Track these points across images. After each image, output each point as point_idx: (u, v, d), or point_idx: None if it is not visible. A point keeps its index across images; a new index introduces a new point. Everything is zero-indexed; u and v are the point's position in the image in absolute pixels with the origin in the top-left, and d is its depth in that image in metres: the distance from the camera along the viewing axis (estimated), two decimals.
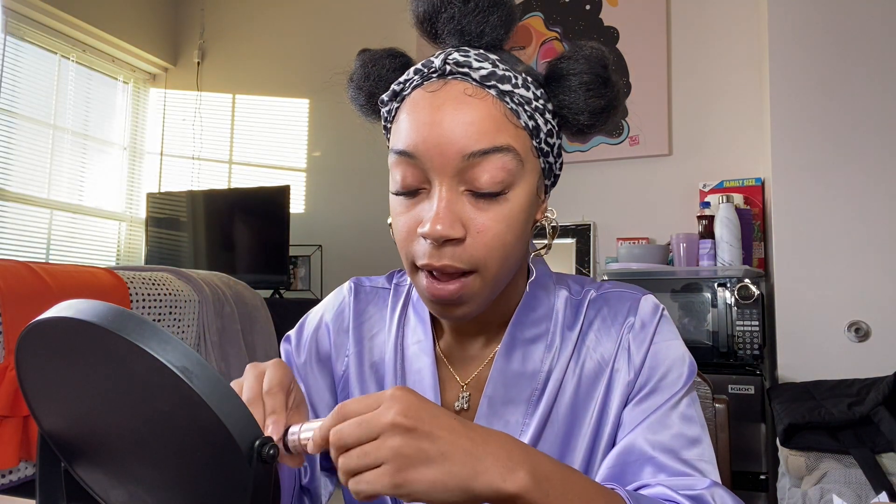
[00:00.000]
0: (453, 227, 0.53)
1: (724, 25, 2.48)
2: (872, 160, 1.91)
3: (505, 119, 0.55)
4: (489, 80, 0.55)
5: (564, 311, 0.65)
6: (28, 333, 0.44)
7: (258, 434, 0.40)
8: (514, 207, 0.56)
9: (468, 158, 0.53)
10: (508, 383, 0.63)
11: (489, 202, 0.55)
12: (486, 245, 0.55)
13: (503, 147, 0.54)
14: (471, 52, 0.56)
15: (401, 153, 0.56)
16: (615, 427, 0.62)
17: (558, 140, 0.60)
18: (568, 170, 2.67)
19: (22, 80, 2.89)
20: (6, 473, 1.46)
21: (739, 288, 1.98)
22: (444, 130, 0.53)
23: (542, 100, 0.57)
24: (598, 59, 0.59)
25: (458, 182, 0.54)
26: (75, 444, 0.48)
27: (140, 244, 3.43)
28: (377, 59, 0.63)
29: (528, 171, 0.57)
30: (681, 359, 0.63)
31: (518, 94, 0.55)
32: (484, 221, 0.55)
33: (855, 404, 1.52)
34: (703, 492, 0.54)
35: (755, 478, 1.89)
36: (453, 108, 0.54)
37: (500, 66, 0.56)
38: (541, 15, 2.76)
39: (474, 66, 0.55)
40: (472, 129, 0.53)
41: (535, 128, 0.57)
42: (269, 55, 3.36)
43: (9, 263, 1.59)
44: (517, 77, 0.56)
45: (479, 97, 0.54)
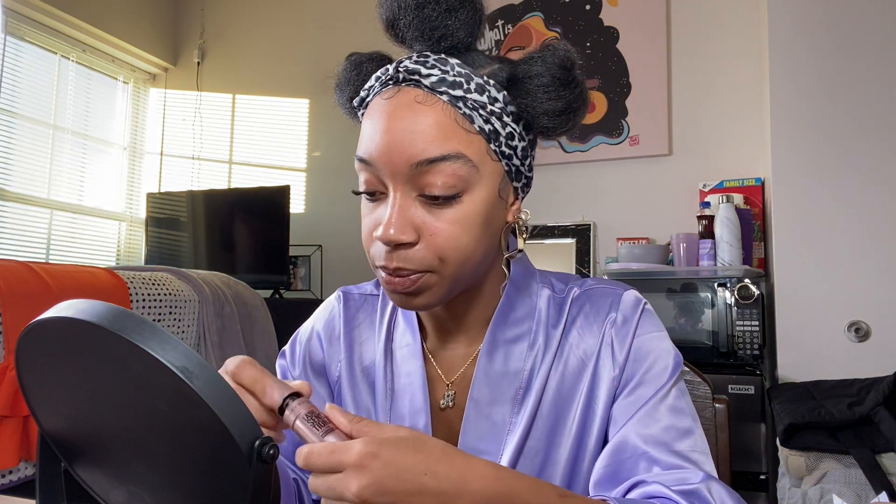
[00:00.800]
0: (404, 232, 0.55)
1: (724, 25, 2.48)
2: (873, 160, 1.91)
3: (455, 125, 0.55)
4: (439, 86, 0.55)
5: (548, 310, 0.66)
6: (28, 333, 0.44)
7: (258, 434, 0.40)
8: (469, 211, 0.56)
9: (417, 167, 0.54)
10: (492, 384, 0.63)
11: (442, 206, 0.56)
12: (439, 247, 0.56)
13: (452, 155, 0.54)
14: (430, 57, 0.57)
15: (359, 159, 0.58)
16: (604, 422, 0.62)
17: (523, 143, 0.60)
18: (568, 170, 2.68)
19: (22, 80, 2.89)
20: (6, 473, 1.46)
21: (739, 288, 1.98)
22: (393, 138, 0.55)
23: (501, 103, 0.57)
24: (559, 61, 0.58)
25: (411, 188, 0.56)
26: (75, 444, 0.48)
27: (140, 244, 3.43)
28: (359, 64, 0.64)
29: (485, 174, 0.57)
30: (665, 351, 0.63)
31: (471, 99, 0.56)
32: (436, 225, 0.56)
33: (855, 404, 1.52)
34: (699, 486, 0.54)
35: (755, 478, 1.89)
36: (402, 115, 0.55)
37: (456, 70, 0.56)
38: (541, 15, 2.76)
39: (423, 72, 0.55)
40: (419, 137, 0.54)
41: (493, 132, 0.57)
42: (269, 55, 3.36)
43: (9, 263, 1.59)
44: (471, 82, 0.56)
45: (429, 104, 0.55)
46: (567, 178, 2.68)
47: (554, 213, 2.67)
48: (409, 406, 0.65)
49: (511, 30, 2.80)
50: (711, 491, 0.54)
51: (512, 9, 2.81)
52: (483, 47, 2.84)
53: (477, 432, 0.63)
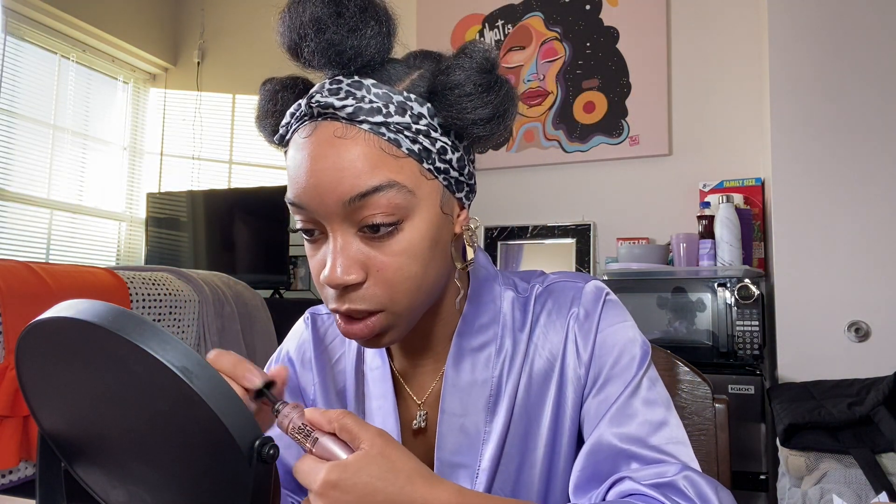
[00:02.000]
0: (349, 273, 0.52)
1: (724, 25, 2.48)
2: (873, 160, 1.91)
3: (382, 153, 0.52)
4: (357, 115, 0.51)
5: (512, 313, 0.65)
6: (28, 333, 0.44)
7: (258, 434, 0.40)
8: (414, 237, 0.54)
9: (349, 203, 0.51)
10: (462, 394, 0.62)
11: (384, 238, 0.53)
12: (389, 281, 0.53)
13: (384, 185, 0.51)
14: (343, 83, 0.53)
15: (290, 203, 0.54)
16: (575, 421, 0.62)
17: (458, 153, 0.57)
18: (568, 170, 2.68)
19: (22, 80, 2.89)
20: (6, 473, 1.46)
21: (739, 288, 1.98)
22: (319, 180, 0.51)
23: (427, 118, 0.54)
24: (478, 66, 0.54)
25: (349, 224, 0.53)
26: (75, 444, 0.48)
27: (140, 244, 3.43)
28: (274, 94, 0.60)
29: (423, 195, 0.54)
30: (631, 341, 0.62)
31: (393, 123, 0.52)
32: (382, 259, 0.53)
33: (855, 404, 1.52)
34: (674, 478, 0.54)
35: (755, 478, 1.89)
36: (324, 154, 0.52)
37: (374, 93, 0.52)
38: (541, 15, 2.76)
39: (337, 105, 0.52)
40: (346, 173, 0.51)
41: (423, 150, 0.54)
42: (269, 55, 3.36)
43: (9, 263, 1.59)
44: (390, 104, 0.52)
45: (350, 137, 0.51)
46: (567, 178, 2.68)
47: (554, 213, 2.67)
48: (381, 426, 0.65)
49: (511, 30, 2.80)
50: (688, 481, 0.54)
51: (512, 9, 2.81)
52: None
53: (452, 446, 0.62)
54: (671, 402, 0.61)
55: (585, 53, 2.67)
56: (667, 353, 0.83)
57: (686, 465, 0.56)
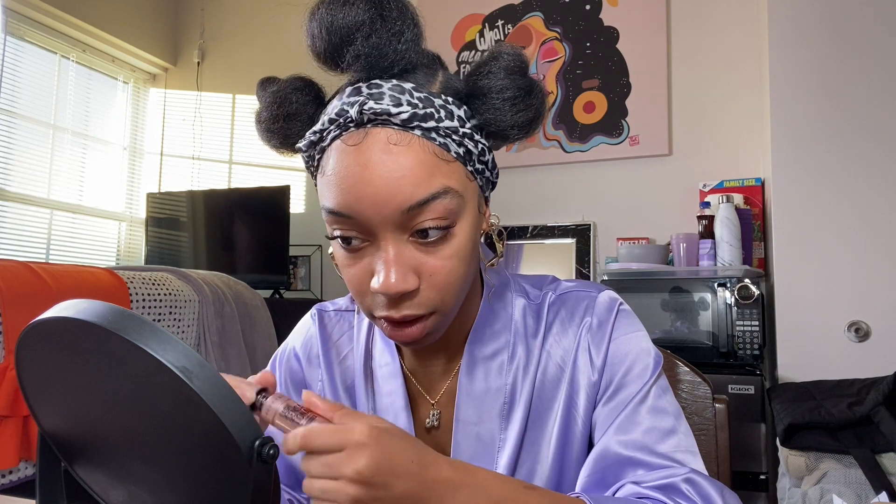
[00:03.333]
0: (407, 280, 0.52)
1: (724, 25, 2.48)
2: (872, 160, 1.91)
3: (436, 158, 0.52)
4: (411, 122, 0.51)
5: (524, 320, 0.65)
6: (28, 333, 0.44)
7: (258, 434, 0.40)
8: (462, 240, 0.54)
9: (408, 211, 0.51)
10: (476, 402, 0.63)
11: (436, 243, 0.53)
12: (441, 285, 0.54)
13: (441, 191, 0.52)
14: (384, 87, 0.52)
15: (334, 213, 0.53)
16: (587, 428, 0.62)
17: (491, 154, 0.59)
18: (568, 170, 2.68)
19: (22, 80, 2.89)
20: (6, 473, 1.46)
21: (739, 288, 1.98)
22: (377, 189, 0.50)
23: (466, 120, 0.55)
24: (518, 69, 0.56)
25: (402, 231, 0.52)
26: (75, 444, 0.48)
27: (140, 244, 3.43)
28: (284, 98, 0.57)
29: (468, 199, 0.55)
30: (644, 351, 0.62)
31: (443, 128, 0.52)
32: (435, 263, 0.53)
33: (855, 404, 1.52)
34: (675, 480, 0.54)
35: (755, 478, 1.89)
36: (381, 161, 0.51)
37: (417, 97, 0.52)
38: (541, 15, 2.76)
39: (394, 111, 0.51)
40: (405, 182, 0.50)
41: (467, 153, 0.55)
42: (269, 55, 3.36)
43: (9, 263, 1.59)
44: (438, 109, 0.53)
45: (405, 143, 0.51)
46: (567, 178, 2.68)
47: (554, 213, 2.67)
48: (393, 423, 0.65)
49: (511, 30, 2.80)
50: (690, 483, 0.54)
51: (512, 9, 2.81)
52: (483, 48, 2.85)
53: (468, 454, 0.63)
54: (682, 412, 0.61)
55: (585, 53, 2.67)
56: (667, 353, 0.83)
57: (693, 469, 0.56)
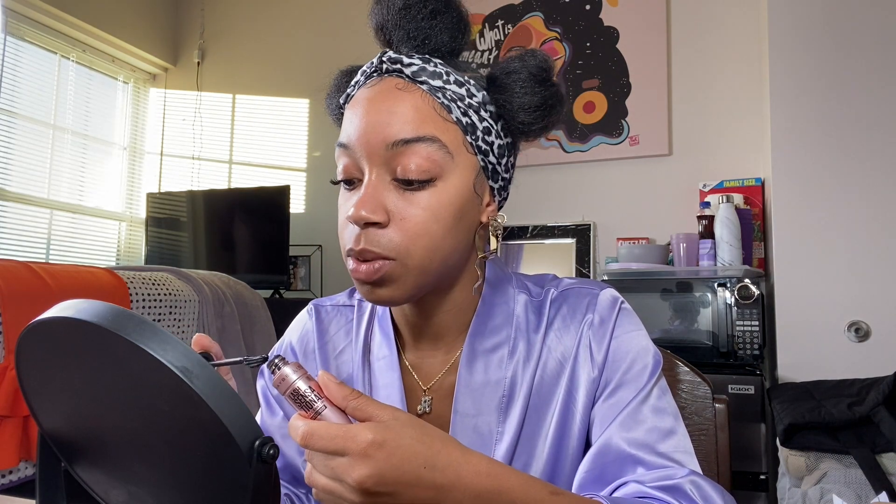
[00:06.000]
0: (375, 212, 0.55)
1: (724, 25, 2.48)
2: (873, 160, 1.91)
3: (433, 112, 0.57)
4: (419, 75, 0.58)
5: (526, 316, 0.66)
6: (28, 333, 0.44)
7: (258, 434, 0.40)
8: (442, 198, 0.57)
9: (392, 147, 0.55)
10: (475, 395, 0.63)
11: (415, 191, 0.56)
12: (408, 232, 0.56)
13: (427, 137, 0.56)
14: (414, 56, 0.59)
15: (339, 145, 0.59)
16: (584, 424, 0.62)
17: (500, 141, 0.61)
18: (568, 170, 2.68)
19: (22, 80, 2.89)
20: (6, 473, 1.46)
21: (739, 288, 1.98)
22: (371, 120, 0.56)
23: (480, 99, 0.60)
24: (536, 61, 0.61)
25: (386, 171, 0.57)
26: (75, 444, 0.48)
27: (140, 244, 3.43)
28: (350, 73, 0.66)
29: (459, 164, 0.58)
30: (644, 349, 0.63)
31: (450, 91, 0.58)
32: (408, 209, 0.56)
33: (855, 404, 1.52)
34: (680, 481, 0.55)
35: (755, 478, 1.89)
36: (382, 99, 0.57)
37: (437, 64, 0.59)
38: (541, 15, 2.76)
39: (405, 62, 0.58)
40: (396, 118, 0.56)
41: (470, 124, 0.59)
42: (269, 55, 3.36)
43: (9, 263, 1.59)
44: (451, 76, 0.59)
45: (409, 91, 0.57)
46: (567, 178, 2.68)
47: (554, 213, 2.67)
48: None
49: (511, 30, 2.80)
50: (694, 485, 0.55)
51: (512, 9, 2.81)
52: (483, 47, 2.85)
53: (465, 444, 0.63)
54: (679, 413, 0.62)
55: (585, 53, 2.67)
56: (667, 353, 0.83)
57: (693, 471, 0.56)
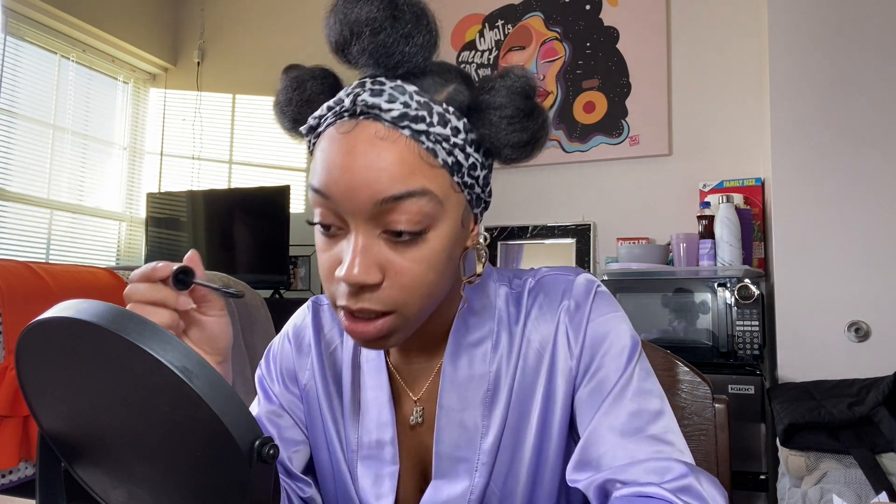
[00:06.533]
0: (369, 273, 0.52)
1: (724, 25, 2.48)
2: (873, 160, 1.91)
3: (420, 161, 0.52)
4: (401, 121, 0.52)
5: (507, 308, 0.65)
6: (28, 333, 0.44)
7: (258, 434, 0.40)
8: (435, 247, 0.54)
9: (381, 204, 0.51)
10: (460, 389, 0.63)
11: (407, 244, 0.53)
12: (405, 287, 0.54)
13: (417, 191, 0.52)
14: (386, 85, 0.53)
15: (316, 191, 0.54)
16: (565, 411, 0.62)
17: (484, 171, 0.58)
18: (568, 170, 2.68)
19: (22, 80, 2.89)
20: (6, 473, 1.46)
21: (739, 288, 1.98)
22: (355, 175, 0.51)
23: (463, 133, 0.55)
24: (521, 90, 0.56)
25: (374, 225, 0.53)
26: (75, 444, 0.48)
27: (140, 244, 3.43)
28: (300, 83, 0.60)
29: (449, 208, 0.55)
30: (621, 331, 0.63)
31: (434, 133, 0.53)
32: (402, 263, 0.53)
33: (855, 404, 1.52)
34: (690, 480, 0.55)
35: (755, 478, 1.89)
36: (364, 151, 0.52)
37: (416, 100, 0.53)
38: (541, 15, 2.76)
39: (384, 107, 0.52)
40: (384, 174, 0.51)
41: (456, 164, 0.54)
42: (269, 55, 3.36)
43: (9, 263, 1.59)
44: (433, 115, 0.53)
45: (392, 139, 0.52)
46: (567, 178, 2.68)
47: (554, 213, 2.67)
48: (377, 419, 0.65)
49: (511, 30, 2.80)
50: (701, 484, 0.55)
51: (512, 9, 2.81)
52: (483, 47, 2.85)
53: (451, 440, 0.63)
54: (663, 392, 0.62)
55: (585, 53, 2.67)
56: (667, 353, 0.83)
57: (691, 464, 0.57)
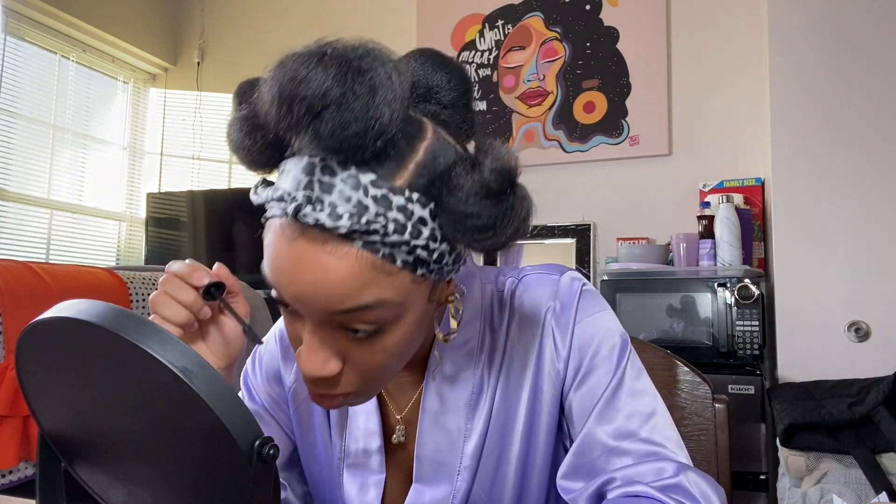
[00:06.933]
0: (326, 367, 0.50)
1: (724, 25, 2.48)
2: (873, 160, 1.91)
3: (374, 271, 0.46)
4: (351, 235, 0.45)
5: (492, 309, 0.64)
6: (28, 333, 0.44)
7: (258, 434, 0.40)
8: (396, 339, 0.50)
9: (331, 315, 0.48)
10: (443, 392, 0.62)
11: (367, 338, 0.49)
12: (366, 374, 0.52)
13: (371, 304, 0.47)
14: (337, 178, 0.44)
15: (266, 280, 0.50)
16: (554, 416, 0.61)
17: (455, 252, 0.50)
18: (568, 170, 2.68)
19: (22, 80, 2.89)
20: (6, 473, 1.46)
21: (739, 288, 1.98)
22: (302, 288, 0.47)
23: (429, 223, 0.47)
24: (496, 192, 0.47)
25: (329, 323, 0.49)
26: (75, 444, 0.48)
27: (140, 244, 3.43)
28: (251, 132, 0.50)
29: (412, 300, 0.49)
30: (609, 330, 0.61)
31: (391, 239, 0.45)
32: (362, 355, 0.50)
33: (855, 404, 1.52)
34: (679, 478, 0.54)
35: (755, 478, 1.89)
36: (310, 266, 0.46)
37: (372, 195, 0.44)
38: (541, 15, 2.76)
39: (329, 225, 0.44)
40: (333, 291, 0.46)
41: (418, 261, 0.47)
42: (269, 55, 3.33)
43: (9, 263, 1.59)
44: (391, 214, 0.45)
45: (340, 255, 0.45)
46: (567, 178, 2.68)
47: (554, 213, 2.67)
48: (364, 427, 0.65)
49: (511, 30, 2.80)
50: (690, 481, 0.54)
51: (512, 9, 2.81)
52: (483, 47, 2.85)
53: (433, 444, 0.62)
54: (656, 390, 0.61)
55: (585, 53, 2.67)
56: (667, 353, 0.83)
57: (683, 463, 0.56)
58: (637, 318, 2.14)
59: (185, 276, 0.56)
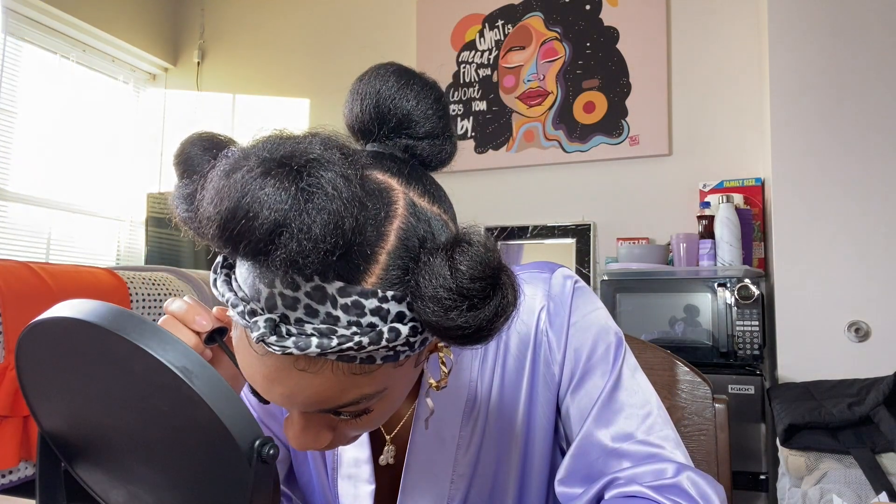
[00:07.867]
0: (317, 442, 0.48)
1: (724, 25, 2.48)
2: (873, 160, 1.91)
3: (352, 375, 0.43)
4: (322, 356, 0.40)
5: None
6: (28, 333, 0.44)
7: (258, 434, 0.40)
8: (385, 407, 0.48)
9: (315, 412, 0.46)
10: (438, 400, 0.61)
11: (354, 416, 0.48)
12: (357, 435, 0.52)
13: (352, 402, 0.44)
14: (301, 291, 0.39)
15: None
16: (550, 419, 0.61)
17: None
18: (568, 170, 2.68)
19: (22, 80, 2.89)
20: (6, 473, 1.46)
21: (739, 288, 1.98)
22: (277, 397, 0.44)
23: (407, 319, 0.42)
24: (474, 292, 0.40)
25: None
26: (75, 444, 0.48)
27: (140, 244, 3.43)
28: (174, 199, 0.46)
29: (396, 378, 0.46)
30: (604, 329, 0.61)
31: (366, 351, 0.41)
32: (351, 427, 0.49)
33: (855, 404, 1.52)
34: (677, 479, 0.54)
35: (755, 478, 1.89)
36: (282, 380, 0.43)
37: (341, 304, 0.40)
38: (541, 15, 2.76)
39: (296, 353, 0.39)
40: (310, 399, 0.43)
41: (399, 353, 0.43)
42: (269, 55, 3.36)
43: (9, 263, 1.59)
44: (364, 321, 0.40)
45: (313, 370, 0.42)
46: (567, 178, 2.68)
47: (554, 213, 2.67)
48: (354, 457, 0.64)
49: (511, 30, 2.80)
50: (688, 481, 0.54)
51: (512, 9, 2.81)
52: (483, 47, 2.85)
53: (426, 452, 0.61)
54: (651, 386, 0.61)
55: (585, 53, 2.67)
56: (667, 353, 0.83)
57: (682, 463, 0.56)
58: (637, 318, 2.14)
59: (185, 320, 0.52)
